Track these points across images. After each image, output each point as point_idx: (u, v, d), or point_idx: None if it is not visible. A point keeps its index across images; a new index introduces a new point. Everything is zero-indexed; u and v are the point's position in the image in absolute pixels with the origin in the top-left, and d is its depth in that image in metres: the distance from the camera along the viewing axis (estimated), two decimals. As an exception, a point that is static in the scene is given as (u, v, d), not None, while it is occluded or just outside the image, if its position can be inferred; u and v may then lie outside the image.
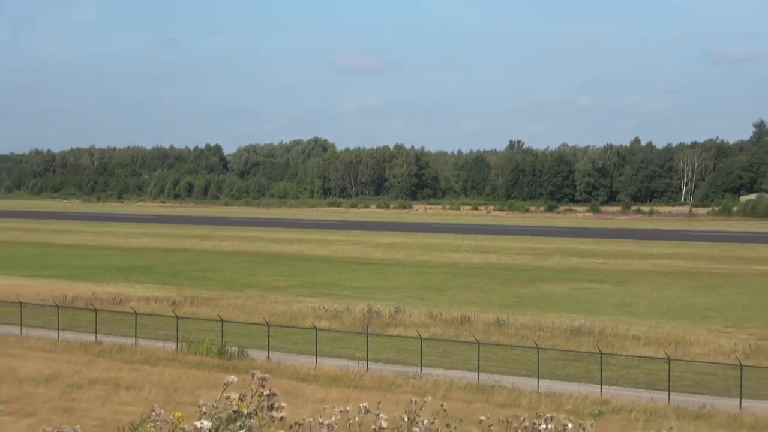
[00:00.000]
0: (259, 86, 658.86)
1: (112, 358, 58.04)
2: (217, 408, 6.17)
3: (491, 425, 6.63)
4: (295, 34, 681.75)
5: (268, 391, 6.16)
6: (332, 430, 6.12)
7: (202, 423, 6.01)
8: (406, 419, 6.42)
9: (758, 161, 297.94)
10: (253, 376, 6.20)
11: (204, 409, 6.19)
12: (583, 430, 6.51)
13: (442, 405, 6.83)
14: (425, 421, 6.45)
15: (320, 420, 6.14)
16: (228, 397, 6.15)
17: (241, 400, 6.13)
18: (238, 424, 6.08)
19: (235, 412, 6.09)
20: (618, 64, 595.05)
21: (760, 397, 48.09)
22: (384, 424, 6.16)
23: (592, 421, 6.70)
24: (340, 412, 6.23)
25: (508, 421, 6.66)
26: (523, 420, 6.65)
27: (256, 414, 6.12)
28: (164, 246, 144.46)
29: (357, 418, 6.26)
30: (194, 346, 59.15)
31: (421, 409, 6.49)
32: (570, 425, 6.49)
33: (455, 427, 6.55)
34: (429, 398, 6.75)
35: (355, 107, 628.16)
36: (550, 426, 6.55)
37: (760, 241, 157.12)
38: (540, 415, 6.64)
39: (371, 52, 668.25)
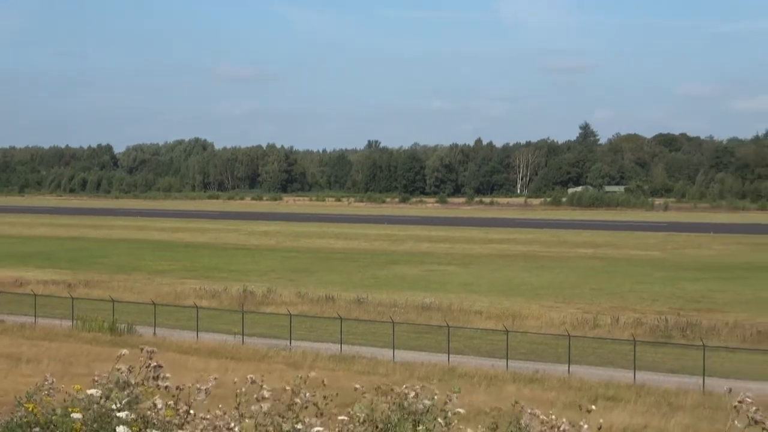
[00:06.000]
0: (147, 93, 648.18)
1: (14, 335, 57.05)
2: (109, 379, 6.10)
3: (364, 393, 6.48)
4: (180, 47, 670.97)
5: (155, 363, 6.14)
6: (209, 394, 6.11)
7: (92, 391, 5.96)
8: (288, 389, 6.27)
9: (583, 158, 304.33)
10: (142, 350, 6.15)
11: (98, 379, 6.14)
12: (450, 400, 6.49)
13: (323, 381, 6.68)
14: (307, 394, 6.30)
15: (198, 386, 6.04)
16: (119, 369, 6.09)
17: (130, 371, 6.08)
18: (126, 392, 6.02)
19: (124, 382, 6.05)
20: (462, 75, 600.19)
21: (585, 363, 49.02)
22: (266, 394, 6.06)
23: (457, 392, 6.62)
24: (215, 379, 6.20)
25: (379, 387, 6.54)
26: (392, 389, 6.53)
27: (143, 384, 6.11)
28: (60, 235, 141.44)
29: (244, 388, 6.13)
30: (88, 324, 58.68)
31: (305, 382, 6.34)
32: (437, 395, 6.44)
33: (332, 400, 6.40)
34: (313, 374, 6.59)
35: (232, 111, 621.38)
36: (420, 394, 6.48)
37: (584, 228, 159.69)
38: (409, 386, 6.54)
39: (247, 63, 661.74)
